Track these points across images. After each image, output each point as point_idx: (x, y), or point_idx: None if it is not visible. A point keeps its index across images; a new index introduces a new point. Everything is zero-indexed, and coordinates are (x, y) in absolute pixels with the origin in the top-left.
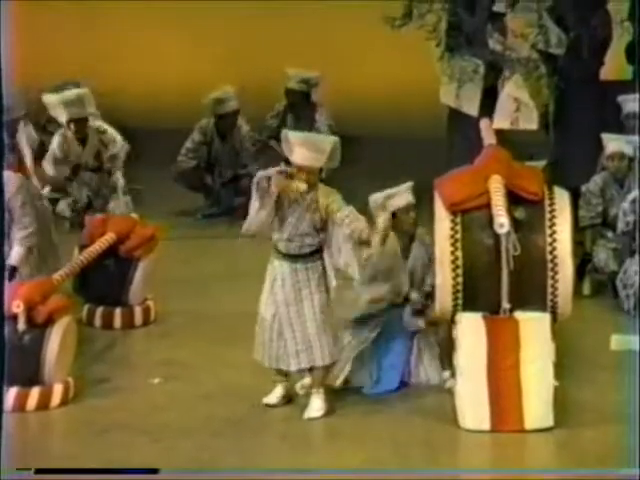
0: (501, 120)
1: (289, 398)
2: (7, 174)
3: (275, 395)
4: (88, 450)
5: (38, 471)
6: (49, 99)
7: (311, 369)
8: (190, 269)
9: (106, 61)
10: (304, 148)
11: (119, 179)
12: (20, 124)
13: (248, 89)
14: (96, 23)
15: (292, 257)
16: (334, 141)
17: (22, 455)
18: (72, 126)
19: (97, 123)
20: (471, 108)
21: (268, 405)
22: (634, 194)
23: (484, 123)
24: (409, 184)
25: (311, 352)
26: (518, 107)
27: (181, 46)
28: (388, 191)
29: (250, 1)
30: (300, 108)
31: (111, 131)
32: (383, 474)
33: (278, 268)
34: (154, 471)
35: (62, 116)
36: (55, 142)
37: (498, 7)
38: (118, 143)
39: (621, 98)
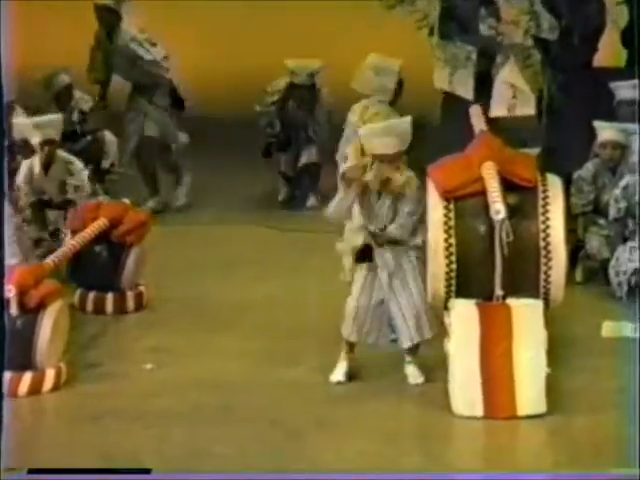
0: (498, 107)
1: (351, 375)
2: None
3: (341, 372)
4: (80, 435)
5: (31, 471)
6: (21, 122)
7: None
8: (182, 256)
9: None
10: (385, 136)
11: None
12: (15, 109)
13: (247, 81)
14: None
15: (392, 242)
16: (409, 121)
17: (13, 440)
18: (44, 148)
19: (63, 154)
20: (466, 92)
21: (338, 383)
22: (626, 180)
23: (474, 110)
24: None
25: (420, 326)
26: (514, 93)
27: (181, 37)
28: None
29: None
30: (303, 96)
31: (78, 163)
32: (379, 476)
33: (379, 257)
34: (147, 471)
35: (34, 138)
36: (21, 172)
37: None
38: (84, 175)
39: (614, 85)
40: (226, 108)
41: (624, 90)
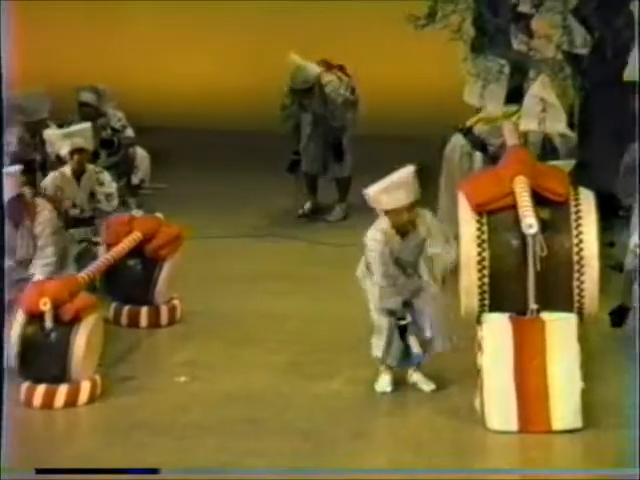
0: (528, 121)
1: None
2: (40, 202)
3: (387, 383)
4: (113, 448)
5: (39, 471)
6: (51, 134)
7: None
8: (215, 269)
9: (124, 60)
10: (391, 192)
11: None
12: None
13: (259, 88)
14: (110, 23)
15: None
16: (411, 171)
17: (47, 452)
18: (74, 157)
19: (92, 165)
20: (496, 107)
21: (384, 393)
22: None
23: (507, 125)
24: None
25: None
26: (544, 108)
27: (196, 47)
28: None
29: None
30: (304, 100)
31: (106, 173)
32: (406, 474)
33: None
34: (154, 471)
35: (64, 148)
36: (48, 179)
37: (523, 8)
38: (114, 185)
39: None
40: (247, 122)
41: None
